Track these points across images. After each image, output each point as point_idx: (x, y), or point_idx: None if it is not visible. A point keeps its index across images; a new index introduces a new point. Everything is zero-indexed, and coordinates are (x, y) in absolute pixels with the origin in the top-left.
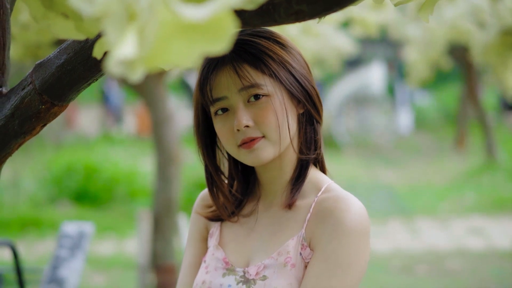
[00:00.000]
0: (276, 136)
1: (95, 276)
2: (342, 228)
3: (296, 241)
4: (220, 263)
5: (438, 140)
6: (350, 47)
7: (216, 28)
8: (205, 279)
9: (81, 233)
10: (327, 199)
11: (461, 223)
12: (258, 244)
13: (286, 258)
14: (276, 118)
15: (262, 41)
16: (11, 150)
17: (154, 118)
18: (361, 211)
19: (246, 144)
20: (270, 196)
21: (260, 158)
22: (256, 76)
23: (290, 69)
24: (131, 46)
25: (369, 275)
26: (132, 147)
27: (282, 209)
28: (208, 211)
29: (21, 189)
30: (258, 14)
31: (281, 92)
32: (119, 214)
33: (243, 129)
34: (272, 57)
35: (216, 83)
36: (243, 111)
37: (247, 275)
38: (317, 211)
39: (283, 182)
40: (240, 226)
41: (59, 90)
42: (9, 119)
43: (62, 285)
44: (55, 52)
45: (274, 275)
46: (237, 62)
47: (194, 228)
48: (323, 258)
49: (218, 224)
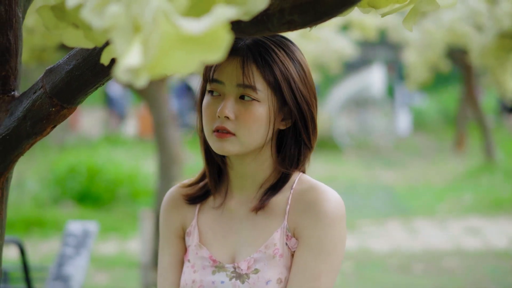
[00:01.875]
0: (246, 139)
1: (98, 275)
2: (325, 218)
3: (281, 233)
4: (207, 261)
5: (438, 142)
6: (350, 50)
7: (212, 39)
8: (195, 278)
9: (85, 232)
10: (306, 191)
11: (458, 223)
12: (241, 239)
13: (274, 250)
14: (254, 122)
15: (278, 50)
16: (23, 149)
17: (156, 119)
18: (338, 200)
19: (219, 133)
20: (245, 192)
21: (224, 150)
22: (258, 80)
23: (293, 87)
24: (136, 56)
25: (367, 273)
26: (135, 148)
27: (254, 210)
28: (184, 196)
29: (25, 190)
30: (253, 24)
31: (273, 103)
32: (122, 215)
33: (223, 118)
34: (281, 69)
35: (222, 67)
36: (231, 103)
37: (238, 270)
38: (296, 202)
39: (257, 180)
40: (217, 223)
41: (68, 93)
42: (22, 120)
43: (67, 282)
44: (64, 59)
45: (265, 267)
46: (248, 59)
47: (169, 228)
48: (309, 246)
49: (195, 221)
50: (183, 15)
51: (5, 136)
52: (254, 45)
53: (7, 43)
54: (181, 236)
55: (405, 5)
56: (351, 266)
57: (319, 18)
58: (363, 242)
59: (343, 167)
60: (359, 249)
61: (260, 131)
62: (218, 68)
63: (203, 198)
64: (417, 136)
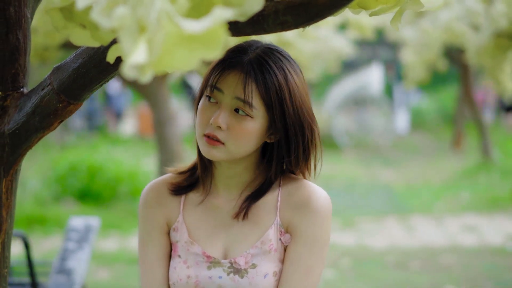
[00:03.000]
0: (234, 149)
1: (100, 271)
2: (318, 214)
3: (274, 229)
4: (200, 257)
5: (436, 141)
6: (349, 49)
7: (211, 38)
8: (190, 274)
9: (88, 227)
10: (295, 189)
11: (455, 220)
12: (231, 235)
13: (269, 246)
14: (244, 137)
15: (279, 72)
16: (32, 143)
17: (156, 118)
18: (327, 197)
19: (209, 139)
20: (230, 191)
21: (212, 155)
22: (255, 98)
23: (284, 109)
24: (142, 53)
25: (364, 270)
26: (135, 147)
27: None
28: (170, 185)
29: (27, 188)
30: (250, 24)
31: (265, 121)
32: (122, 212)
33: (215, 126)
34: (277, 92)
35: (224, 76)
36: (226, 114)
37: (236, 265)
38: (286, 199)
39: (242, 181)
40: (204, 219)
41: (75, 90)
42: (30, 115)
43: (70, 275)
44: (71, 57)
45: (262, 262)
46: (249, 76)
47: (152, 223)
48: (303, 241)
49: (181, 217)
50: (184, 16)
51: (15, 130)
52: (257, 62)
53: (16, 42)
54: (165, 231)
55: (392, 6)
56: (349, 263)
57: (311, 19)
58: (361, 239)
59: (342, 165)
60: (357, 246)
61: (248, 145)
62: (221, 77)
63: (187, 190)
64: (415, 135)
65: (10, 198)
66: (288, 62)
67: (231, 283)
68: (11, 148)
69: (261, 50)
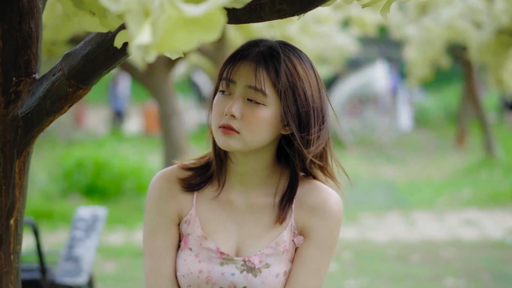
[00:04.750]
0: (249, 138)
1: (106, 264)
2: (332, 218)
3: (288, 231)
4: (213, 253)
5: (439, 138)
6: (353, 47)
7: (209, 21)
8: (202, 269)
9: (95, 217)
10: (310, 191)
11: (456, 215)
12: (245, 232)
13: (283, 247)
14: (258, 125)
15: (290, 61)
16: (43, 126)
17: (161, 112)
18: (340, 200)
19: (224, 129)
20: (245, 186)
21: (228, 146)
22: (267, 85)
23: (297, 99)
24: (146, 35)
25: (365, 262)
26: (140, 144)
27: (264, 202)
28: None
29: (34, 183)
30: (247, 12)
31: (278, 109)
32: (128, 207)
33: (229, 116)
34: (288, 80)
35: (236, 68)
36: (239, 103)
37: (249, 264)
38: (301, 202)
39: (257, 177)
40: (217, 213)
41: (84, 75)
42: (42, 100)
43: (78, 262)
44: (80, 44)
45: (275, 262)
46: (260, 65)
47: (164, 213)
48: (316, 244)
49: (194, 210)
50: (185, 1)
51: (27, 114)
52: (268, 53)
53: (29, 31)
54: (176, 222)
55: None
56: (351, 256)
57: (305, 7)
58: (363, 234)
59: (345, 162)
60: (358, 240)
61: (263, 133)
62: (233, 69)
63: (200, 187)
64: (419, 132)
65: (23, 178)
66: (299, 55)
67: (244, 280)
68: (24, 130)
69: (272, 43)
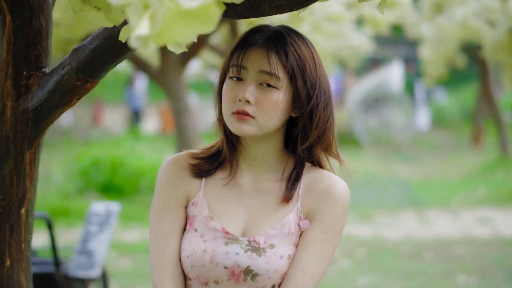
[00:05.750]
0: (264, 122)
1: (122, 260)
2: (339, 203)
3: (294, 214)
4: (218, 233)
5: (455, 138)
6: (369, 46)
7: (205, 14)
8: (206, 248)
9: (108, 212)
10: (318, 178)
11: (470, 214)
12: (252, 214)
13: (288, 229)
14: (272, 109)
15: (297, 44)
16: (53, 118)
17: (174, 108)
18: (347, 188)
19: (239, 115)
20: (254, 171)
21: (243, 131)
22: (280, 69)
23: (306, 79)
24: (145, 27)
25: (378, 260)
26: (157, 143)
27: (272, 186)
28: (190, 166)
29: (52, 182)
30: (248, 8)
31: (289, 92)
32: (143, 205)
33: (244, 101)
34: (297, 62)
35: (246, 54)
36: (252, 88)
37: (254, 244)
38: (308, 188)
39: (265, 163)
40: (225, 196)
41: (92, 69)
42: (52, 93)
43: (91, 256)
44: (88, 39)
45: (280, 243)
46: (271, 50)
47: (172, 195)
48: (321, 227)
49: (202, 192)
50: None
51: (38, 106)
52: (276, 37)
53: (39, 26)
54: (183, 204)
55: None
56: (364, 253)
57: (303, 3)
58: (377, 231)
59: (362, 161)
60: (372, 237)
61: (277, 116)
62: (244, 55)
63: (208, 174)
64: (436, 132)
65: (33, 169)
66: (303, 38)
67: (248, 260)
68: (34, 123)
69: (276, 28)
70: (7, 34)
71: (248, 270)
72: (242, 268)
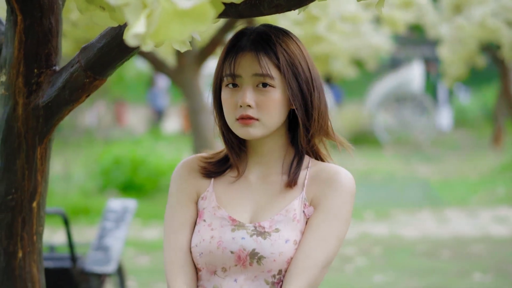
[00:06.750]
0: (268, 122)
1: (140, 257)
2: (342, 190)
3: (299, 201)
4: (225, 221)
5: (476, 138)
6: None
7: (200, 14)
8: (213, 235)
9: (125, 208)
10: (322, 169)
11: (488, 213)
12: (259, 205)
13: (293, 214)
14: (273, 107)
15: (282, 41)
16: (63, 114)
17: (191, 107)
18: (352, 178)
19: (243, 120)
20: (263, 167)
21: (250, 134)
22: (272, 69)
23: (296, 74)
24: (142, 26)
25: (394, 258)
26: (177, 142)
27: (279, 178)
28: (200, 168)
29: (72, 180)
30: (248, 7)
31: (284, 88)
32: (163, 203)
33: (245, 107)
34: (285, 58)
35: (237, 62)
36: (251, 92)
37: (259, 228)
38: (313, 178)
39: (272, 157)
40: (234, 188)
41: (100, 67)
42: (61, 90)
43: (107, 252)
44: (96, 38)
45: (284, 228)
46: (260, 51)
47: (183, 192)
48: (324, 212)
49: (211, 188)
50: None
51: (48, 103)
52: (261, 38)
53: (49, 25)
54: (194, 200)
55: None
56: (380, 251)
57: (301, 2)
58: (394, 230)
59: (381, 161)
60: (389, 236)
61: (278, 114)
62: (235, 63)
63: (218, 174)
64: (457, 132)
65: (44, 164)
66: (287, 34)
67: (254, 243)
68: (44, 119)
69: (259, 29)
70: (18, 33)
71: (254, 253)
72: (247, 251)
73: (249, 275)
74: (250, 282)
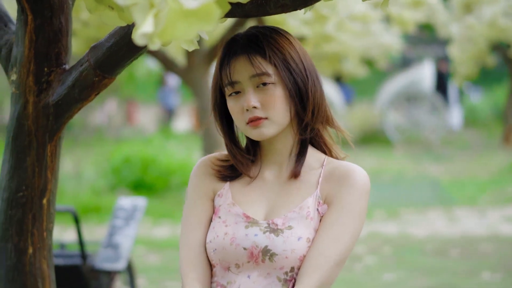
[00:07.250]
0: (277, 118)
1: (151, 256)
2: (357, 188)
3: (313, 199)
4: (240, 218)
5: (487, 137)
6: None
7: (206, 13)
8: (227, 231)
9: (134, 206)
10: (337, 167)
11: (498, 212)
12: (274, 203)
13: (306, 212)
14: (279, 103)
15: (271, 38)
16: (73, 112)
17: (200, 106)
18: (366, 175)
19: (253, 122)
20: (277, 166)
21: (263, 134)
22: (267, 66)
23: (289, 65)
24: (150, 25)
25: (404, 256)
26: (187, 141)
27: (290, 174)
28: (215, 170)
29: (83, 179)
30: (254, 7)
31: (283, 82)
32: (174, 201)
33: (251, 109)
34: (276, 53)
35: (232, 68)
36: (253, 94)
37: (273, 225)
38: (328, 176)
39: (286, 154)
40: (250, 187)
41: (108, 66)
42: (71, 88)
43: (117, 249)
44: (105, 37)
45: (298, 225)
46: (251, 53)
47: (200, 190)
48: (338, 209)
49: (227, 185)
50: None
51: (58, 101)
52: (249, 40)
53: (59, 25)
54: (211, 198)
55: None
56: (390, 250)
57: (306, 2)
58: (404, 229)
59: (392, 160)
60: (399, 235)
61: (285, 108)
62: (230, 71)
63: (233, 179)
64: (468, 131)
65: (54, 161)
66: (274, 30)
67: (266, 240)
68: (54, 117)
69: (246, 32)
70: (28, 32)
71: (266, 249)
72: (260, 248)
73: (261, 272)
74: (263, 278)
